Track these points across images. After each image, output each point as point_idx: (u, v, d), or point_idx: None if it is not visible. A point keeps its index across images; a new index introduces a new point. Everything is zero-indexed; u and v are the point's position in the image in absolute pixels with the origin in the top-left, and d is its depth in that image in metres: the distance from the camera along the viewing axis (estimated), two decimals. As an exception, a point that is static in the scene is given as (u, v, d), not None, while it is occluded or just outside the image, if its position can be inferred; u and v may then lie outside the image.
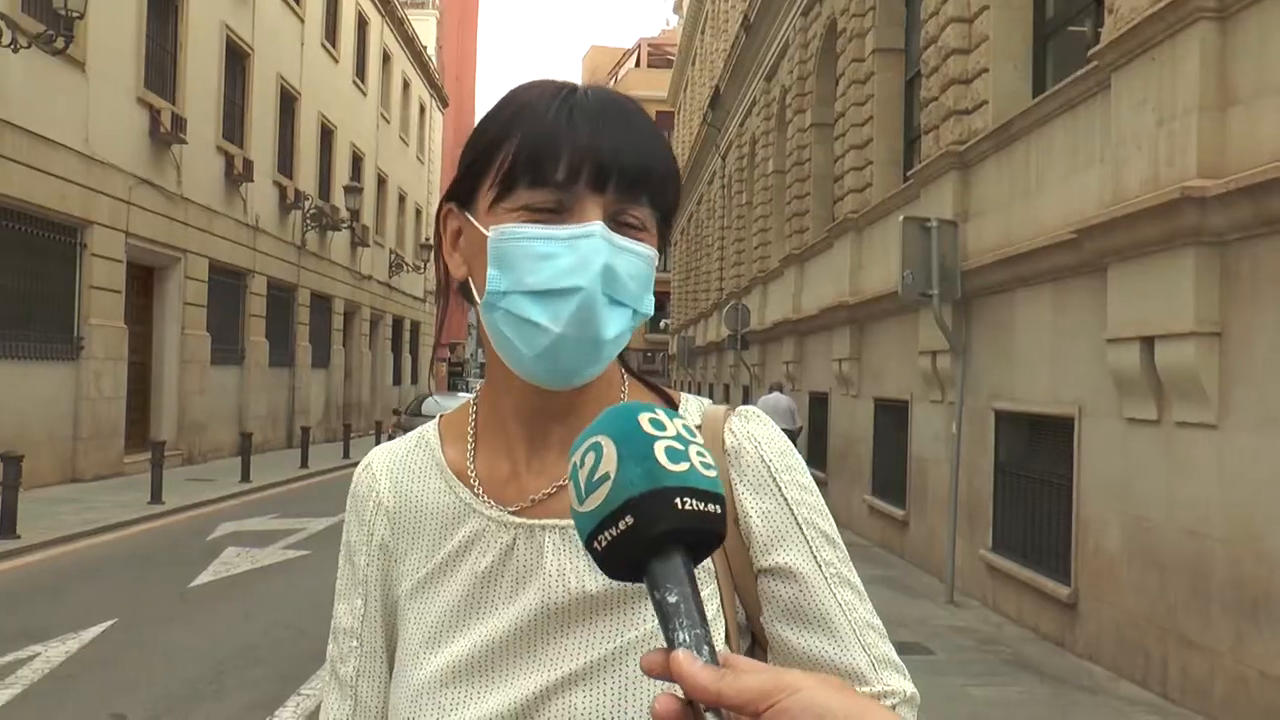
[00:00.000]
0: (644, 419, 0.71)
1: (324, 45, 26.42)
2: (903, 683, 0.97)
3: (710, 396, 19.34)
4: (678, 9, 50.14)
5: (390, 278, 34.43)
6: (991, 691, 6.39)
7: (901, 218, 9.31)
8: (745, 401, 18.89)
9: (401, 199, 36.85)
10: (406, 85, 37.40)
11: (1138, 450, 6.57)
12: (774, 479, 0.99)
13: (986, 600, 8.87)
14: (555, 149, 0.91)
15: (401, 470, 1.05)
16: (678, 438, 0.71)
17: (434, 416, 1.10)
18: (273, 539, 11.11)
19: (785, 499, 0.98)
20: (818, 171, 16.53)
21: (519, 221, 0.92)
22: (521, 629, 0.94)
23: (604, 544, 0.68)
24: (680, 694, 0.62)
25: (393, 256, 34.77)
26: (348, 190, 26.56)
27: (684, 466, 0.69)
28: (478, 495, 1.00)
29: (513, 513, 0.98)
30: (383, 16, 32.84)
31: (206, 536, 11.18)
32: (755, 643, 1.00)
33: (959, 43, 9.85)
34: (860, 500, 13.14)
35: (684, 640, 0.64)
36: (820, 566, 0.97)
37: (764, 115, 21.44)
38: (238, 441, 17.51)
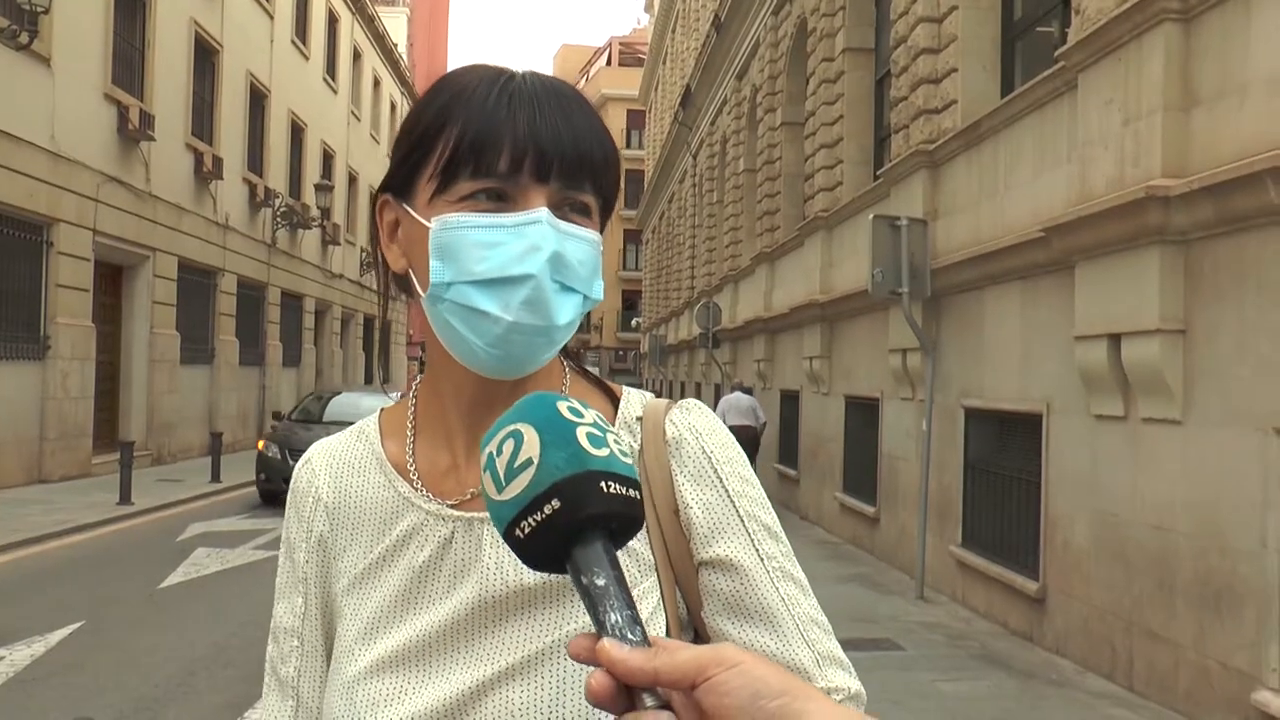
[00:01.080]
0: (562, 407, 0.71)
1: (294, 42, 26.23)
2: (848, 680, 0.95)
3: (682, 394, 19.48)
4: (649, 8, 50.16)
5: (361, 276, 34.24)
6: (961, 686, 6.45)
7: (872, 216, 9.36)
8: (715, 400, 18.85)
9: (372, 197, 36.52)
10: (377, 83, 37.19)
11: (1105, 446, 6.65)
12: (715, 470, 0.98)
13: (956, 596, 8.93)
14: (496, 138, 0.90)
15: (341, 465, 1.04)
16: (595, 424, 0.71)
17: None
18: (243, 539, 11.04)
19: (726, 490, 0.97)
20: (788, 170, 16.56)
21: (461, 212, 0.91)
22: (458, 622, 0.92)
23: (526, 531, 0.68)
24: None
25: (364, 255, 34.57)
26: (318, 188, 26.38)
27: (605, 452, 0.69)
28: (416, 489, 0.99)
29: (451, 506, 0.97)
30: (353, 14, 32.63)
31: (176, 537, 11.09)
32: (698, 639, 0.97)
33: (928, 42, 9.90)
34: (831, 498, 13.19)
35: (614, 621, 0.63)
36: (762, 559, 0.96)
37: (735, 114, 21.46)
38: (208, 441, 17.35)
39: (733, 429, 8.94)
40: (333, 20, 30.49)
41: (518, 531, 0.68)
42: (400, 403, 1.07)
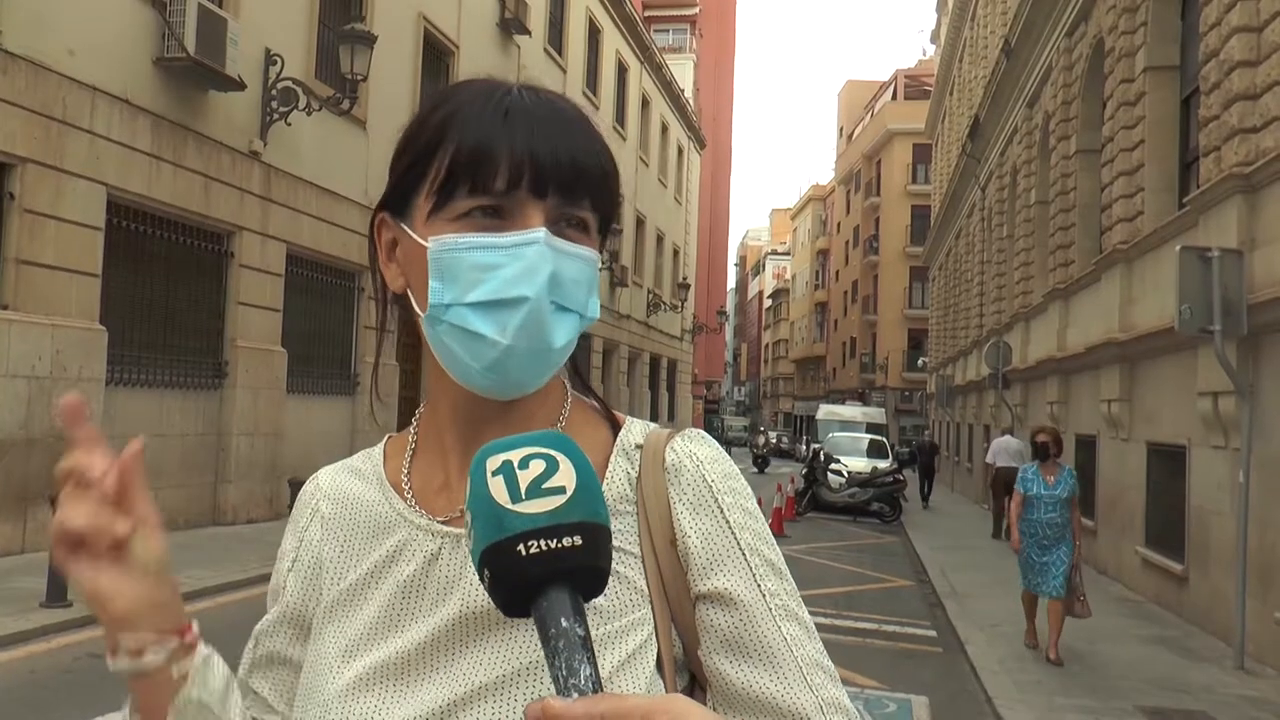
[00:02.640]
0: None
1: (585, 93, 27.51)
2: None
3: (969, 438, 18.75)
4: (935, 38, 49.04)
5: (648, 317, 35.23)
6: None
7: (1178, 248, 8.65)
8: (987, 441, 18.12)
9: (659, 239, 37.72)
10: (665, 128, 38.37)
11: None
12: (715, 499, 0.94)
13: (1282, 670, 7.97)
14: (493, 155, 0.88)
15: (345, 483, 1.04)
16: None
17: None
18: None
19: (727, 521, 0.93)
20: (1083, 200, 15.68)
21: (459, 231, 0.89)
22: (440, 638, 0.90)
23: (531, 550, 0.67)
24: None
25: (650, 296, 35.59)
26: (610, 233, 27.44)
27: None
28: (409, 504, 0.98)
29: (441, 522, 0.95)
30: (642, 63, 33.89)
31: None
32: (694, 681, 0.94)
33: (1245, 55, 9.07)
34: (1132, 551, 12.18)
35: (561, 673, 0.63)
36: (764, 596, 0.91)
37: (1025, 143, 20.58)
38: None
39: (1001, 469, 8.50)
40: (622, 70, 31.78)
41: (521, 548, 0.66)
42: (408, 428, 1.06)
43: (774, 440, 59.52)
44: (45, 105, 9.92)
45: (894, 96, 61.27)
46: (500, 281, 0.87)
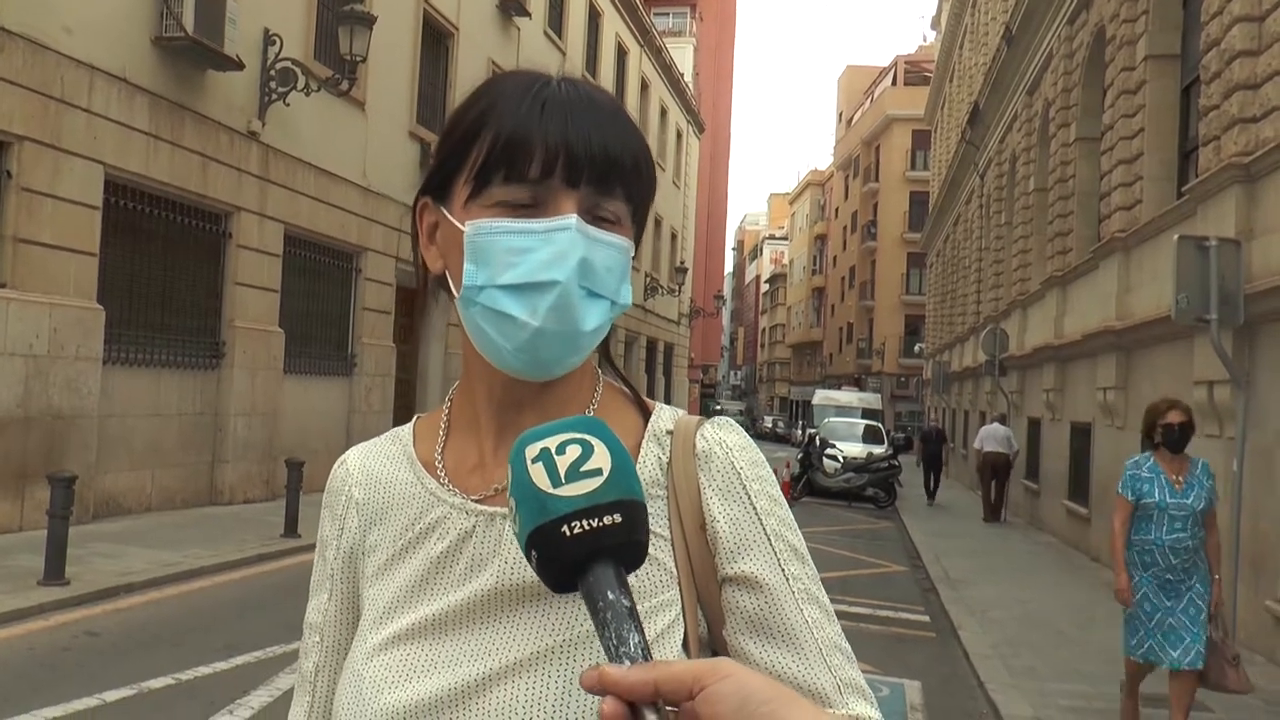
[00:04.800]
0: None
1: (585, 76, 27.06)
2: (869, 710, 0.92)
3: (965, 424, 18.87)
4: (935, 24, 48.88)
5: (645, 300, 35.21)
6: (1273, 762, 5.73)
7: (1176, 237, 8.67)
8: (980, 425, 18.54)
9: (658, 223, 37.65)
10: (664, 112, 38.25)
11: None
12: (744, 486, 0.97)
13: (1275, 657, 8.01)
14: (528, 145, 0.91)
15: (373, 465, 1.06)
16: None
17: None
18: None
19: (754, 508, 0.96)
20: (1082, 188, 15.68)
21: (495, 216, 0.92)
22: (471, 611, 0.92)
23: (575, 530, 0.71)
24: None
25: (648, 279, 35.56)
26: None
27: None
28: (443, 484, 1.00)
29: (475, 500, 0.97)
30: (641, 47, 33.76)
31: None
32: None
33: (1246, 44, 9.06)
34: (1127, 540, 12.22)
35: (617, 644, 0.68)
36: (788, 580, 0.94)
37: (1025, 131, 20.54)
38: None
39: (988, 454, 7.94)
40: (622, 53, 31.67)
41: (565, 529, 0.70)
42: (437, 409, 1.09)
43: (769, 425, 59.60)
44: (43, 84, 9.88)
45: (894, 82, 61.09)
46: (532, 265, 0.90)
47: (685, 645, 0.92)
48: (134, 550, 9.34)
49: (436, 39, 18.62)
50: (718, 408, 59.86)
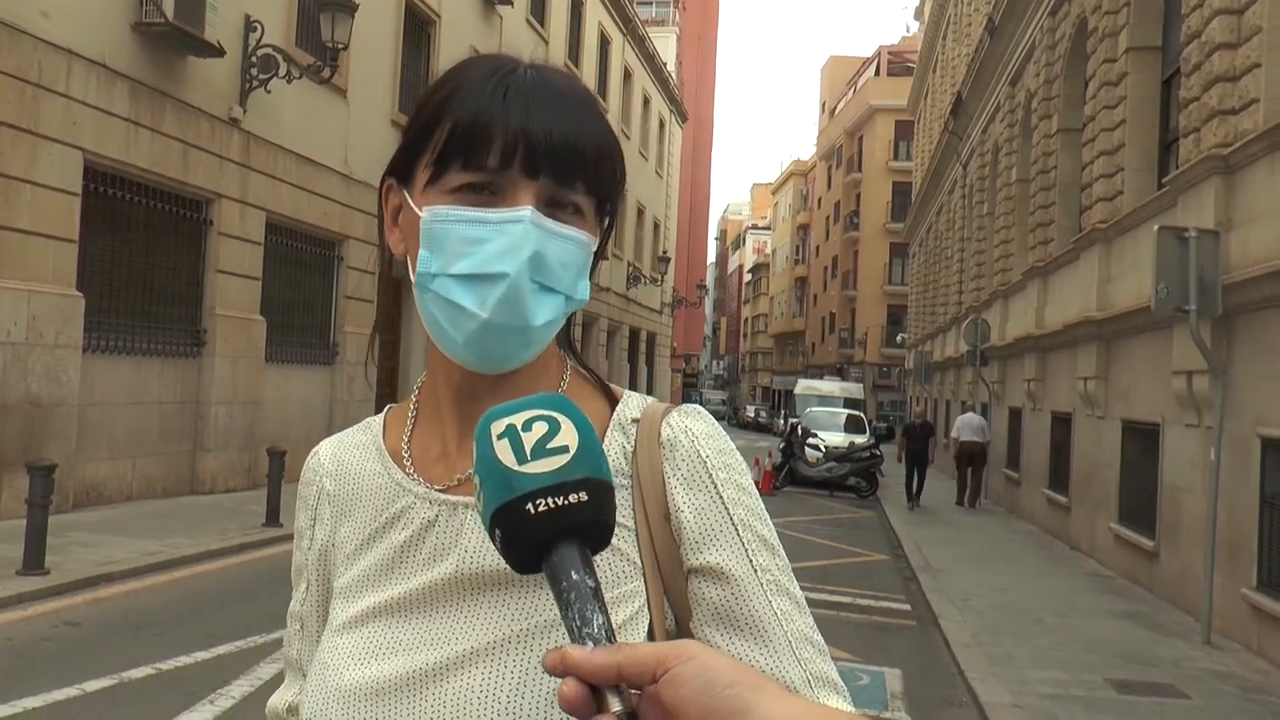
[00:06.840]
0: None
1: (567, 64, 27.29)
2: (841, 704, 0.90)
3: (947, 413, 18.98)
4: (919, 15, 48.91)
5: (627, 289, 35.18)
6: (1248, 748, 5.80)
7: (1156, 227, 8.69)
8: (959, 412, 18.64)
9: (640, 213, 37.63)
10: (647, 101, 38.19)
11: None
12: (710, 475, 0.94)
13: (1251, 644, 8.09)
14: (488, 132, 0.89)
15: (344, 456, 1.06)
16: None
17: None
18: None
19: (721, 497, 0.94)
20: (1064, 179, 15.74)
21: (452, 204, 0.91)
22: (433, 597, 0.92)
23: (540, 509, 0.69)
24: None
25: (630, 269, 35.53)
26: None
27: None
28: (409, 474, 0.99)
29: (439, 490, 0.97)
30: (624, 35, 33.67)
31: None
32: None
33: (1225, 37, 9.10)
34: (1105, 528, 12.32)
35: (580, 625, 0.66)
36: (755, 571, 0.92)
37: (1008, 121, 20.60)
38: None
39: (965, 443, 8.06)
40: (604, 42, 31.57)
41: (529, 506, 0.69)
42: (409, 398, 1.08)
43: (751, 414, 59.66)
44: (19, 68, 9.78)
45: (877, 72, 61.15)
46: (484, 256, 0.89)
47: (651, 638, 0.90)
48: (114, 539, 9.29)
49: (418, 26, 18.52)
50: (700, 397, 59.93)
